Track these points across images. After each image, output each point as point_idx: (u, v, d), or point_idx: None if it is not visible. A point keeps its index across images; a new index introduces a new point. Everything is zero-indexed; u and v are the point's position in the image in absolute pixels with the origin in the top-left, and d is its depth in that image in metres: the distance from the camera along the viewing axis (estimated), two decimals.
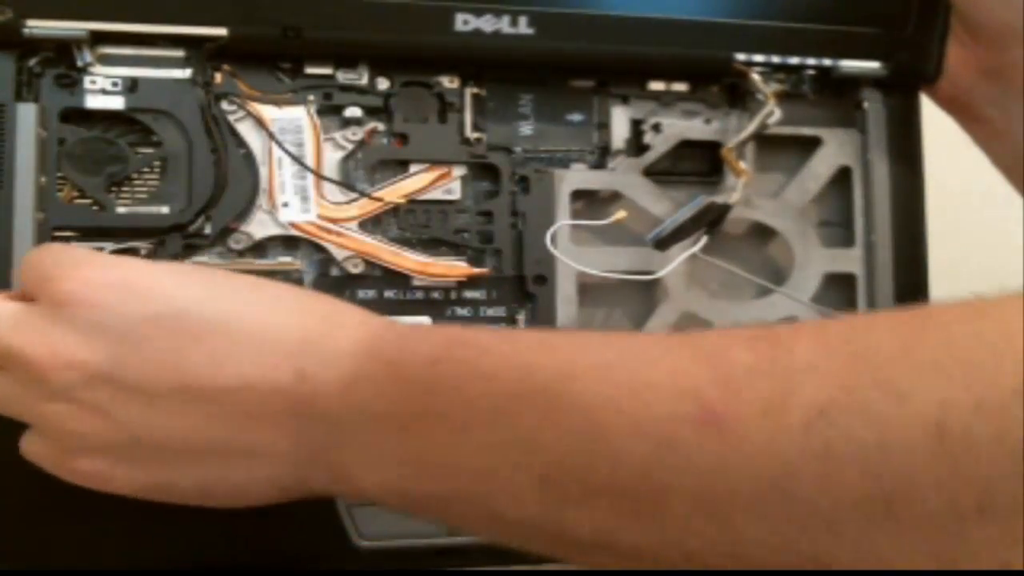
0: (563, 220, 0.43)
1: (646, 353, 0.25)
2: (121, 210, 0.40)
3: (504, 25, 0.42)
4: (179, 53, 0.40)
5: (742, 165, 0.43)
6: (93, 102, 0.40)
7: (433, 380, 0.28)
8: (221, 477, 0.31)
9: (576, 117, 0.45)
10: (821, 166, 0.47)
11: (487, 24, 0.42)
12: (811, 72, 0.46)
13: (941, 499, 0.19)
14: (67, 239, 0.40)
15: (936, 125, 0.48)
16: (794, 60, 0.45)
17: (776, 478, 0.22)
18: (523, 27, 0.42)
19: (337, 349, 0.30)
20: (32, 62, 0.39)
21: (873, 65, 0.46)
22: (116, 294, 0.31)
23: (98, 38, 0.40)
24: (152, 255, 0.40)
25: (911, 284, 0.46)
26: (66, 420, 0.31)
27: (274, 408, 0.30)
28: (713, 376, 0.23)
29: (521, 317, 0.44)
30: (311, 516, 0.40)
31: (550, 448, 0.25)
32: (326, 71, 0.42)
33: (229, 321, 0.31)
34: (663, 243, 0.42)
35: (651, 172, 0.45)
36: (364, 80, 0.43)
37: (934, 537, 0.20)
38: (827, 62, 0.46)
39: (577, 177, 0.44)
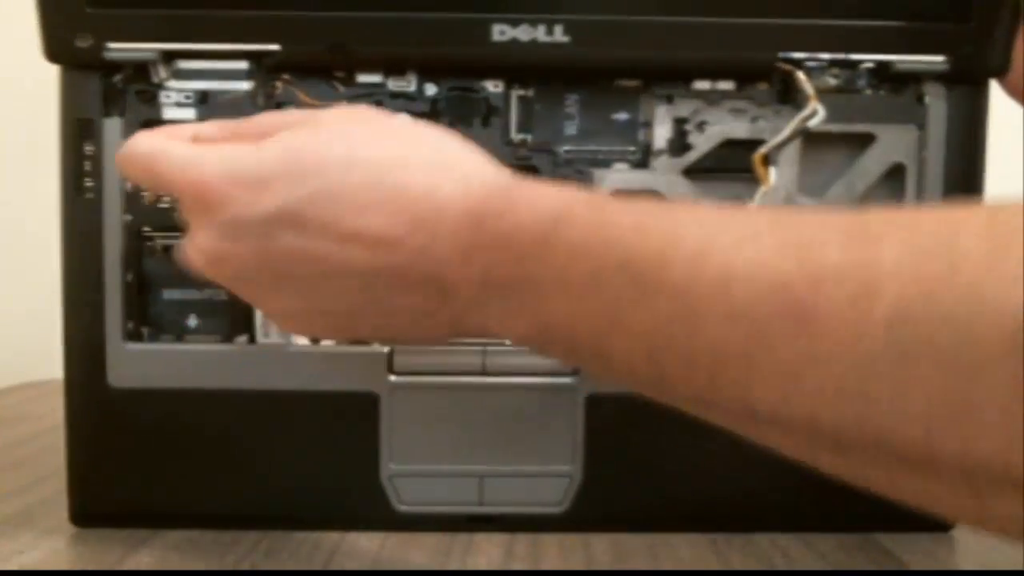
0: None
1: (737, 242, 0.26)
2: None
3: (540, 34, 0.41)
4: (242, 66, 0.43)
5: (768, 172, 0.42)
6: (169, 114, 0.43)
7: (541, 255, 0.30)
8: (383, 327, 0.35)
9: (622, 116, 0.44)
10: (872, 163, 0.44)
11: (523, 34, 0.41)
12: (868, 67, 0.43)
13: (1009, 395, 0.20)
14: (152, 237, 0.44)
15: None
16: (848, 56, 0.43)
17: (857, 374, 0.22)
18: (559, 35, 0.41)
19: (453, 220, 0.31)
20: (116, 79, 0.43)
21: (935, 59, 0.43)
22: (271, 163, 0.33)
23: (169, 57, 0.42)
24: None
25: None
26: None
27: (413, 280, 0.32)
28: (802, 272, 0.24)
29: None
30: (358, 483, 0.45)
31: (652, 327, 0.27)
32: (377, 79, 0.43)
33: (352, 175, 0.32)
34: None
35: (693, 171, 0.44)
36: (412, 87, 0.43)
37: (1002, 421, 0.20)
38: (885, 57, 0.43)
39: (617, 177, 0.44)
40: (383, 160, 0.33)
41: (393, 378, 0.44)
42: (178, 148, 0.35)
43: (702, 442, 0.45)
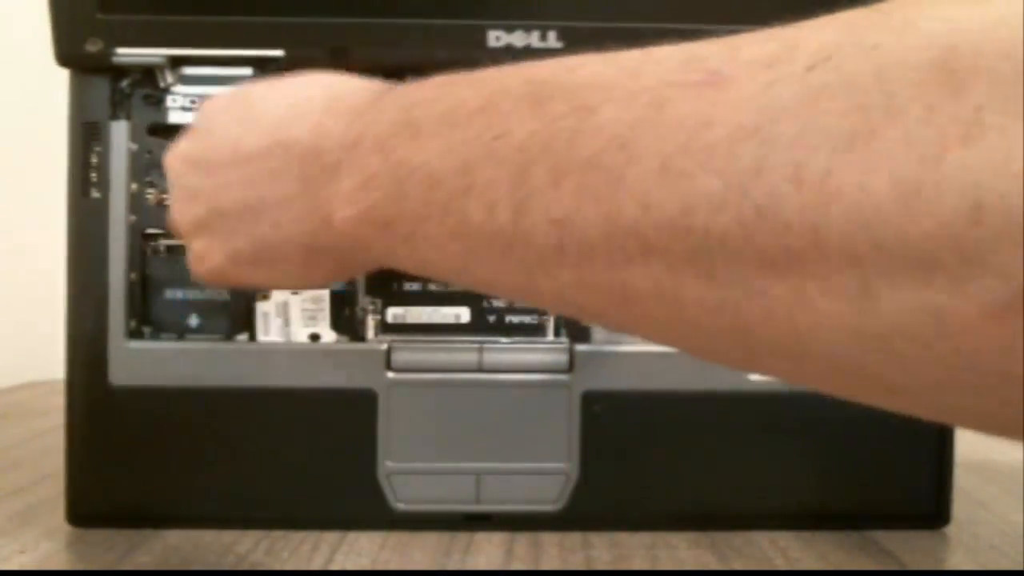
0: None
1: (657, 46, 0.23)
2: None
3: (534, 40, 0.43)
4: (246, 72, 0.44)
5: None
6: (175, 117, 0.44)
7: (416, 96, 0.27)
8: (264, 234, 0.33)
9: None
10: None
11: (518, 39, 0.43)
12: None
13: (932, 121, 0.16)
14: (155, 237, 0.45)
15: None
16: None
17: (759, 125, 0.19)
18: (552, 41, 0.43)
19: (348, 105, 0.31)
20: (123, 83, 0.44)
21: None
22: (209, 104, 0.35)
23: (176, 62, 0.44)
24: None
25: None
26: (176, 203, 0.35)
27: (291, 164, 0.31)
28: (720, 47, 0.21)
29: None
30: (356, 481, 0.45)
31: (533, 138, 0.23)
32: None
33: (267, 99, 0.34)
34: None
35: None
36: None
37: (913, 153, 0.16)
38: None
39: None
40: (255, 91, 0.35)
41: (391, 375, 0.45)
42: None
43: (700, 439, 0.46)
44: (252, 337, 0.45)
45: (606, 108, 0.21)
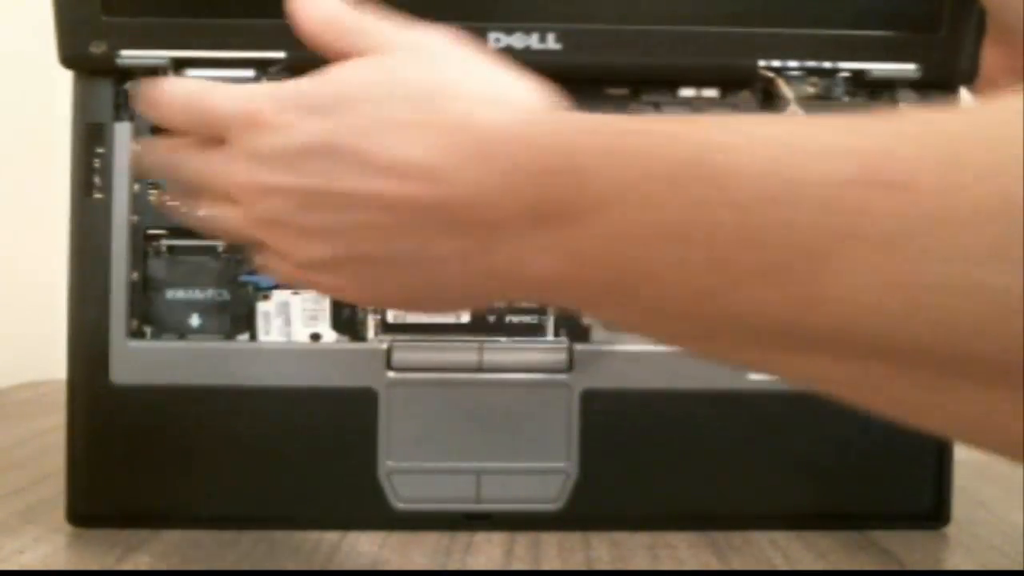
0: None
1: (792, 123, 0.23)
2: (201, 212, 0.45)
3: (534, 42, 0.44)
4: (249, 74, 0.45)
5: None
6: None
7: (604, 167, 0.25)
8: (425, 283, 0.30)
9: None
10: None
11: (518, 41, 0.44)
12: (845, 75, 0.46)
13: None
14: (157, 237, 0.45)
15: None
16: (825, 64, 0.45)
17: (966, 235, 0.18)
18: (551, 43, 0.44)
19: (500, 147, 0.27)
20: (127, 85, 0.45)
21: (908, 67, 0.45)
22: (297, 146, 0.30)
23: (179, 64, 0.44)
24: (227, 252, 0.45)
25: None
26: (283, 241, 0.31)
27: (462, 218, 0.28)
28: (876, 139, 0.21)
29: None
30: (356, 480, 0.45)
31: (713, 230, 0.22)
32: None
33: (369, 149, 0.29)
34: None
35: None
36: None
37: None
38: (860, 65, 0.45)
39: None
40: (423, 88, 0.30)
41: (391, 374, 0.45)
42: (224, 84, 0.33)
43: (700, 439, 0.46)
44: (253, 337, 0.46)
45: (781, 208, 0.21)
